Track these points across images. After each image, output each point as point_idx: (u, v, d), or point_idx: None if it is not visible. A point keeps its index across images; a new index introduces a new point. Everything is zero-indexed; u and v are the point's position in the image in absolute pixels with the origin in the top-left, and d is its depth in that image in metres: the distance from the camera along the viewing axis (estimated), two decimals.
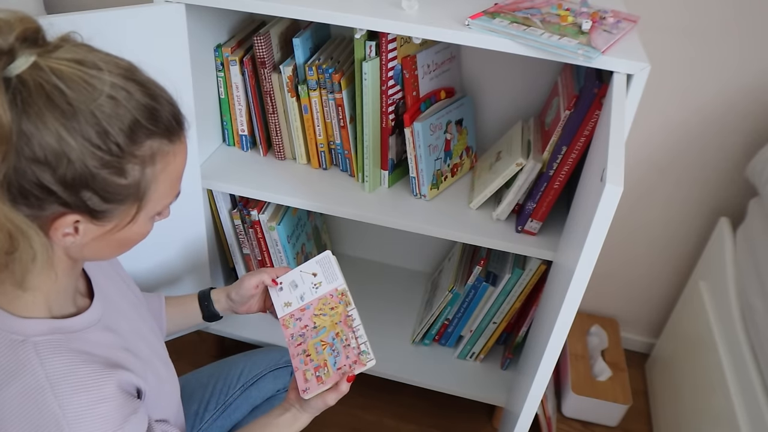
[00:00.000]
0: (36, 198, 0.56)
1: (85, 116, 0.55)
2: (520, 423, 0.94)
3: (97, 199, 0.59)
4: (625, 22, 0.97)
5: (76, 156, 0.55)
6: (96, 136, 0.55)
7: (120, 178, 0.59)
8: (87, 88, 0.55)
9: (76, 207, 0.58)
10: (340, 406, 0.95)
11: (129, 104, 0.57)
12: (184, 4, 1.01)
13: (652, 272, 1.59)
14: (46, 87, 0.53)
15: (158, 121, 0.60)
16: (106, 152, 0.57)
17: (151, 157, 0.60)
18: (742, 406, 1.10)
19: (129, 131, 0.57)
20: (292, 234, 1.37)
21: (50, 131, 0.54)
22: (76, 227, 0.60)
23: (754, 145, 1.31)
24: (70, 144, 0.54)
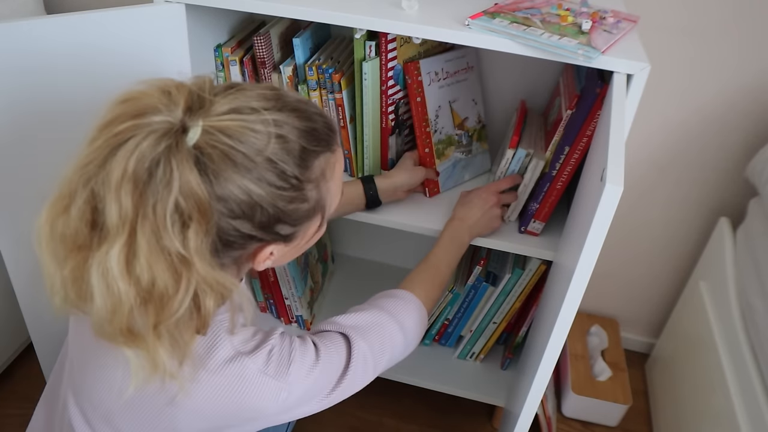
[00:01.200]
0: (239, 245, 0.63)
1: (262, 164, 0.59)
2: (520, 423, 0.94)
3: (288, 228, 0.66)
4: (625, 22, 0.97)
5: (266, 202, 0.61)
6: (278, 179, 0.61)
7: (303, 204, 0.65)
8: (256, 136, 0.59)
9: (273, 240, 0.66)
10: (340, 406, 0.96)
11: (293, 136, 0.62)
12: (184, 4, 1.01)
13: (652, 272, 1.59)
14: (222, 148, 0.57)
15: (319, 140, 0.65)
16: (289, 189, 0.62)
17: (322, 175, 0.66)
18: (742, 406, 1.10)
19: (300, 161, 0.63)
20: None
21: (239, 188, 0.58)
22: (272, 252, 0.67)
23: (754, 144, 1.31)
24: (259, 193, 0.60)
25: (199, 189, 0.56)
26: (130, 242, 0.56)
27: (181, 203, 0.56)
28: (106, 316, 0.58)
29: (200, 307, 0.61)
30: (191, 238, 0.56)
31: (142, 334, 0.59)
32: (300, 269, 1.41)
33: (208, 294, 0.60)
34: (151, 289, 0.57)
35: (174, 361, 0.61)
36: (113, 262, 0.56)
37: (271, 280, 1.40)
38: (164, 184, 0.55)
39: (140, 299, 0.58)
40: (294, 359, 0.71)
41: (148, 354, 0.60)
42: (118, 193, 0.55)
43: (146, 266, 0.56)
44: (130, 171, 0.55)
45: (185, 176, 0.55)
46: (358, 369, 0.79)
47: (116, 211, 0.55)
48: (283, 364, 0.70)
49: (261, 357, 0.68)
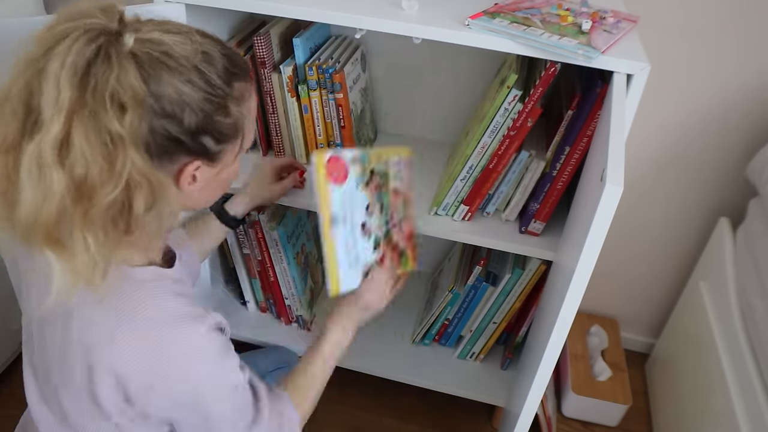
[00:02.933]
0: (168, 152, 0.65)
1: (192, 71, 0.64)
2: (520, 423, 0.94)
3: (213, 142, 0.69)
4: (625, 22, 0.97)
5: (195, 104, 0.64)
6: (205, 84, 0.65)
7: (227, 118, 0.69)
8: (184, 48, 0.64)
9: (198, 153, 0.68)
10: (341, 406, 0.96)
11: (216, 56, 0.67)
12: (184, 4, 1.01)
13: (652, 272, 1.59)
14: (155, 54, 0.62)
15: (237, 65, 0.70)
16: (214, 96, 0.66)
17: (241, 96, 0.70)
18: (742, 406, 1.10)
19: (224, 76, 0.67)
20: (292, 234, 1.37)
21: (171, 87, 0.62)
22: (194, 175, 0.70)
23: (753, 144, 1.31)
24: (189, 94, 0.64)
25: (136, 81, 0.60)
26: (66, 129, 0.57)
27: (119, 91, 0.59)
28: (35, 209, 0.58)
29: (131, 202, 0.62)
30: (128, 121, 0.59)
31: (70, 232, 0.60)
32: (300, 269, 1.41)
33: (140, 187, 0.62)
34: (84, 178, 0.58)
35: (98, 266, 0.62)
36: (47, 148, 0.57)
37: (271, 280, 1.40)
38: (103, 71, 0.58)
39: (72, 188, 0.58)
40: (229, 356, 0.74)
41: (74, 254, 0.61)
42: (56, 82, 0.57)
43: (80, 153, 0.58)
44: (69, 61, 0.58)
45: (123, 67, 0.59)
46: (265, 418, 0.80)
47: (53, 99, 0.57)
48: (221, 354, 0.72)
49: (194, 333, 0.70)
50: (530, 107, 1.01)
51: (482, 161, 1.09)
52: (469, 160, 1.09)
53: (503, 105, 1.02)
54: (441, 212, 1.17)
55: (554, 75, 0.96)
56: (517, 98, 1.01)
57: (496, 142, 1.06)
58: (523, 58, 1.08)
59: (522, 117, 1.02)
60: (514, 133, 1.04)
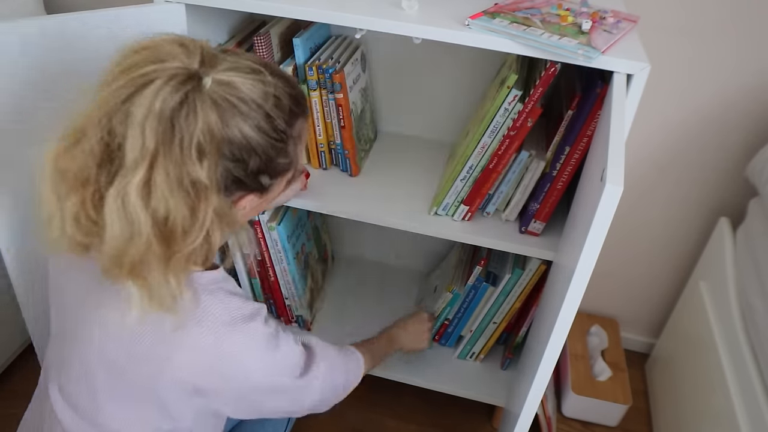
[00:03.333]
0: (230, 189, 0.68)
1: (263, 116, 0.66)
2: (520, 423, 0.94)
3: (268, 179, 0.72)
4: (625, 22, 0.97)
5: (261, 149, 0.67)
6: (272, 130, 0.67)
7: (284, 158, 0.72)
8: (256, 92, 0.65)
9: (254, 189, 0.71)
10: (341, 406, 0.96)
11: (284, 98, 0.69)
12: (184, 4, 1.01)
13: (652, 272, 1.59)
14: (230, 98, 0.63)
15: (299, 104, 0.73)
16: (278, 141, 0.69)
17: (299, 135, 0.74)
18: (742, 406, 1.10)
19: (288, 119, 0.70)
20: (292, 234, 1.37)
21: (242, 133, 0.64)
22: (246, 204, 0.72)
23: (754, 144, 1.31)
24: (257, 140, 0.66)
25: (216, 127, 0.62)
26: (149, 174, 0.60)
27: (201, 140, 0.61)
28: (122, 246, 0.61)
29: (210, 239, 0.65)
30: (206, 166, 0.62)
31: (150, 269, 0.63)
32: (300, 269, 1.41)
33: (218, 226, 0.65)
34: (166, 221, 0.61)
35: (176, 297, 0.65)
36: (133, 191, 0.60)
37: (272, 280, 1.40)
38: (188, 121, 0.60)
39: (157, 230, 0.61)
40: (280, 331, 0.77)
41: (153, 287, 0.63)
42: (142, 128, 0.59)
43: (163, 197, 0.60)
44: (157, 108, 0.59)
45: (207, 115, 0.61)
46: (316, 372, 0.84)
47: (139, 145, 0.59)
48: (271, 344, 0.75)
49: (252, 327, 0.73)
50: (530, 107, 1.01)
51: (482, 161, 1.09)
52: (469, 160, 1.09)
53: (503, 105, 1.02)
54: (441, 212, 1.17)
55: (554, 75, 0.96)
56: (517, 98, 1.01)
57: (496, 142, 1.06)
58: (523, 58, 1.08)
59: (522, 117, 1.02)
60: (514, 133, 1.04)
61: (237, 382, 0.74)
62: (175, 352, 0.69)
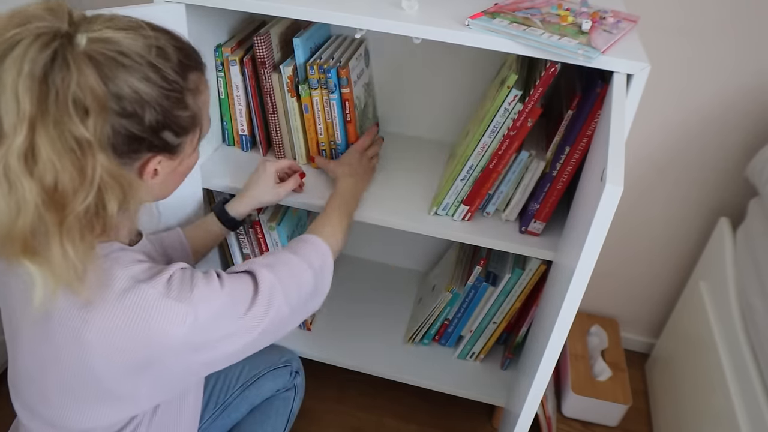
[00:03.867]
0: (131, 151, 0.66)
1: (147, 67, 0.64)
2: (520, 423, 0.94)
3: (173, 136, 0.69)
4: (625, 22, 0.97)
5: (153, 101, 0.64)
6: (161, 80, 0.65)
7: (184, 111, 0.69)
8: (137, 44, 0.64)
9: (159, 148, 0.69)
10: (341, 406, 0.96)
11: (169, 49, 0.67)
12: (184, 4, 1.01)
13: (652, 272, 1.59)
14: (109, 54, 0.61)
15: (190, 57, 0.71)
16: (171, 90, 0.66)
17: (196, 88, 0.71)
18: (742, 406, 1.10)
19: (179, 69, 0.67)
20: (292, 234, 1.37)
21: (129, 86, 0.62)
22: (156, 169, 0.70)
23: (753, 144, 1.31)
24: (147, 92, 0.64)
25: (97, 84, 0.59)
26: (30, 138, 0.57)
27: (80, 96, 0.58)
28: (10, 220, 0.58)
29: (105, 204, 0.63)
30: (92, 125, 0.59)
31: (47, 241, 0.60)
32: None
33: (111, 189, 0.63)
34: (55, 185, 0.58)
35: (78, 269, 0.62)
36: (14, 159, 0.57)
37: None
38: (62, 77, 0.58)
39: (44, 197, 0.58)
40: (196, 284, 0.71)
41: (53, 262, 0.61)
42: (14, 91, 0.56)
43: (49, 161, 0.57)
44: (26, 70, 0.56)
45: (83, 71, 0.59)
46: (266, 295, 0.77)
47: (14, 109, 0.56)
48: (185, 288, 0.70)
49: (160, 282, 0.68)
50: (530, 107, 1.01)
51: (482, 161, 1.09)
52: (469, 160, 1.09)
53: (503, 105, 1.02)
54: (441, 212, 1.17)
55: (554, 75, 0.96)
56: (517, 98, 1.01)
57: (496, 142, 1.06)
58: (523, 58, 1.08)
59: (522, 117, 1.02)
60: (514, 133, 1.04)
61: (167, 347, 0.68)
62: (92, 334, 0.66)
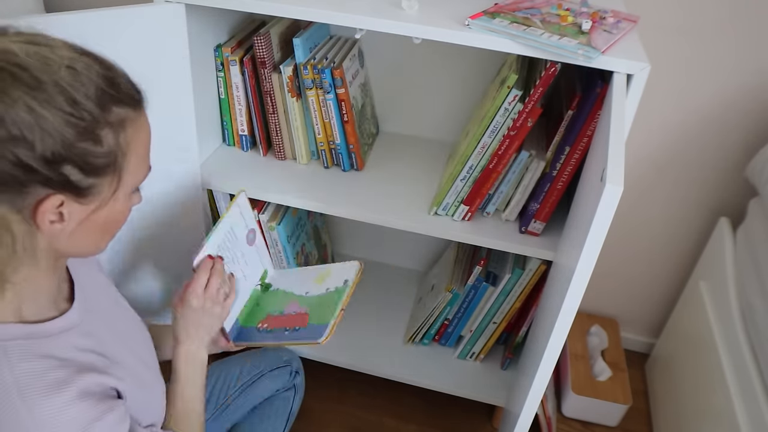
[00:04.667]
0: (17, 181, 0.55)
1: (51, 87, 0.55)
2: (520, 423, 0.94)
3: (79, 173, 0.58)
4: (625, 22, 0.97)
5: (51, 127, 0.55)
6: (66, 104, 0.55)
7: (96, 146, 0.58)
8: (45, 61, 0.55)
9: (59, 186, 0.58)
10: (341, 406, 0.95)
11: (89, 73, 0.58)
12: (184, 4, 1.01)
13: (652, 272, 1.59)
14: (6, 67, 0.53)
15: (120, 89, 0.61)
16: (79, 119, 0.56)
17: (120, 124, 0.60)
18: (742, 406, 1.10)
19: (96, 98, 0.58)
20: (292, 234, 1.37)
21: (21, 106, 0.53)
22: (60, 212, 0.59)
23: (753, 144, 1.31)
24: (44, 115, 0.54)
25: None
26: None
27: None
28: None
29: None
30: None
31: None
32: None
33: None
34: None
35: None
36: None
37: None
38: None
39: None
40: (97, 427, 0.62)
41: None
42: None
43: None
44: None
45: None
46: None
47: None
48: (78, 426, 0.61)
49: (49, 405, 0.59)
50: (530, 107, 1.01)
51: (482, 161, 1.09)
52: (469, 160, 1.09)
53: (503, 105, 1.02)
54: (441, 212, 1.17)
55: (554, 75, 0.96)
56: (517, 98, 1.01)
57: (496, 142, 1.06)
58: (523, 59, 1.08)
59: (522, 117, 1.02)
60: (514, 133, 1.04)
61: None
62: None
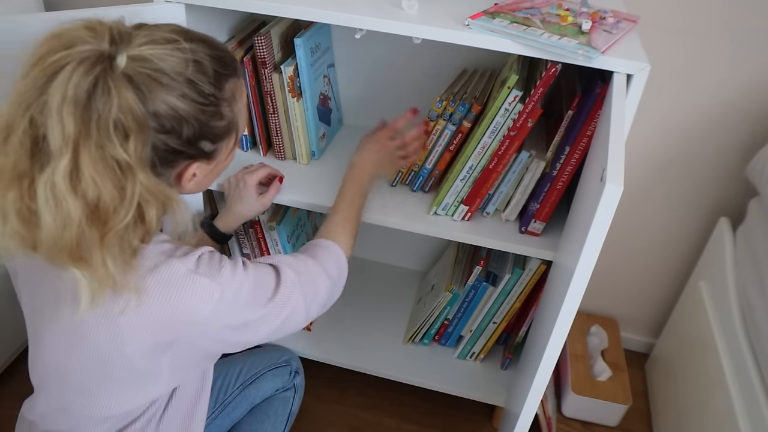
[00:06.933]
0: (169, 161, 0.70)
1: (185, 84, 0.67)
2: (520, 423, 0.94)
3: (210, 144, 0.73)
4: (625, 22, 0.97)
5: (190, 116, 0.68)
6: (198, 96, 0.68)
7: (220, 121, 0.72)
8: (175, 61, 0.66)
9: (197, 156, 0.73)
10: (340, 406, 0.96)
11: (206, 60, 0.69)
12: (184, 4, 1.01)
13: (652, 272, 1.59)
14: (148, 72, 0.64)
15: (227, 65, 0.73)
16: (208, 105, 0.69)
17: (232, 96, 0.74)
18: (742, 406, 1.10)
19: (215, 81, 0.70)
20: (292, 234, 1.37)
21: (167, 104, 0.65)
22: (195, 173, 0.74)
23: (753, 144, 1.31)
24: (184, 108, 0.67)
25: (136, 105, 0.63)
26: (74, 159, 0.61)
27: (121, 118, 0.62)
28: (57, 233, 0.62)
29: (144, 216, 0.67)
30: (132, 147, 0.63)
31: (90, 251, 0.64)
32: None
33: (150, 203, 0.66)
34: (97, 203, 0.62)
35: (121, 272, 0.66)
36: (59, 178, 0.61)
37: None
38: (104, 102, 0.61)
39: (88, 213, 0.63)
40: (224, 265, 0.75)
41: (96, 270, 0.65)
42: (60, 115, 0.60)
43: (91, 181, 0.61)
44: (70, 94, 0.60)
45: (122, 94, 0.62)
46: (287, 291, 0.81)
47: (59, 132, 0.60)
48: (214, 267, 0.74)
49: (191, 260, 0.72)
50: (531, 108, 1.01)
51: (482, 161, 1.09)
52: (469, 160, 1.09)
53: (503, 105, 1.02)
54: (440, 212, 1.17)
55: (555, 76, 0.96)
56: (517, 99, 1.01)
57: (497, 142, 1.06)
58: (524, 59, 1.08)
59: (522, 117, 1.02)
60: (515, 134, 1.04)
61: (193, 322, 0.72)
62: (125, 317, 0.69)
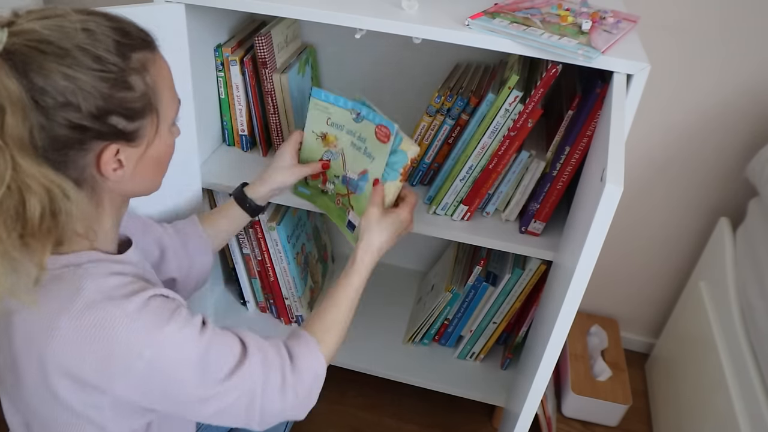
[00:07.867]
0: (75, 141, 0.63)
1: (76, 51, 0.61)
2: (520, 423, 0.94)
3: (124, 121, 0.65)
4: (625, 22, 0.97)
5: (88, 86, 0.61)
6: (93, 63, 0.62)
7: (130, 92, 0.65)
8: (63, 30, 0.61)
9: (112, 136, 0.65)
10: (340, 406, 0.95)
11: (103, 30, 0.64)
12: (184, 4, 1.01)
13: (652, 272, 1.59)
14: (32, 44, 0.59)
15: (132, 37, 0.67)
16: (108, 72, 0.63)
17: (143, 67, 0.67)
18: (742, 406, 1.10)
19: (115, 50, 0.64)
20: (292, 234, 1.37)
21: (57, 75, 0.59)
22: (119, 159, 0.67)
23: (753, 144, 1.31)
24: (79, 77, 0.61)
25: (9, 80, 0.57)
26: None
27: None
28: None
29: (24, 206, 0.60)
30: (9, 124, 0.57)
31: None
32: (300, 269, 1.42)
33: (32, 191, 0.59)
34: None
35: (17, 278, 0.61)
36: None
37: (272, 280, 1.40)
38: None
39: None
40: (174, 319, 0.66)
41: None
42: None
43: None
44: None
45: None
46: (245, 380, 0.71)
47: None
48: (160, 319, 0.66)
49: (132, 304, 0.65)
50: (531, 108, 1.01)
51: (482, 161, 1.09)
52: (468, 160, 1.09)
53: (504, 106, 1.02)
54: (440, 212, 1.17)
55: (555, 76, 0.96)
56: (518, 99, 1.01)
57: (497, 142, 1.06)
58: (524, 60, 1.08)
59: (522, 118, 1.02)
60: (515, 134, 1.04)
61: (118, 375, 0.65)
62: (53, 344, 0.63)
